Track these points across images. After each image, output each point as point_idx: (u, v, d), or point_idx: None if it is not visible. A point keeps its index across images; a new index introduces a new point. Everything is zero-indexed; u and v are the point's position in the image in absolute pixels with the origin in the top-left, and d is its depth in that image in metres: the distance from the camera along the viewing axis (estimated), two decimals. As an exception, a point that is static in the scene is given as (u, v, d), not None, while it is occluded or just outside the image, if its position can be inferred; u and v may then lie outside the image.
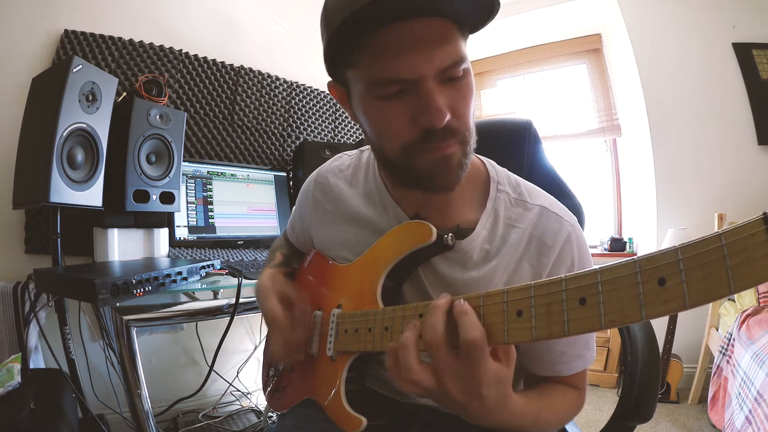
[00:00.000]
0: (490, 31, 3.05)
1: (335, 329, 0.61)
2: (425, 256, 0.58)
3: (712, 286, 0.27)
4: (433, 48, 0.47)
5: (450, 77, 0.49)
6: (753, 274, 0.26)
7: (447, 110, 0.48)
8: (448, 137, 0.50)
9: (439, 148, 0.50)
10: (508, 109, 3.15)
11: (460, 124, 0.50)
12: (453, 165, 0.52)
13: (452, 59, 0.48)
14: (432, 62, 0.47)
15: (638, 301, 0.30)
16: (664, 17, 2.34)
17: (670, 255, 0.29)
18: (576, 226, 0.60)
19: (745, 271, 0.26)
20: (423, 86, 0.47)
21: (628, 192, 2.81)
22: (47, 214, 1.35)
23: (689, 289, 0.28)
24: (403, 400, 0.64)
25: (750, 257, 0.26)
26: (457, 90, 0.50)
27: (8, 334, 1.25)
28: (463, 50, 0.49)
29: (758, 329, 1.55)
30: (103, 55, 1.57)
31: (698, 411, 1.96)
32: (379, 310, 0.55)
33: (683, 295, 0.28)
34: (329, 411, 0.58)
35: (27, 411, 0.88)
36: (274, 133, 2.04)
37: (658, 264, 0.30)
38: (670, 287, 0.29)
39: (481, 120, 0.93)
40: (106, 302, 0.90)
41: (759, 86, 2.20)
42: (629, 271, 0.31)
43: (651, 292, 0.30)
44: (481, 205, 0.61)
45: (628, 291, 0.31)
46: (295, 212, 0.83)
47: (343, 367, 0.58)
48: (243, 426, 1.67)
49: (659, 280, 0.29)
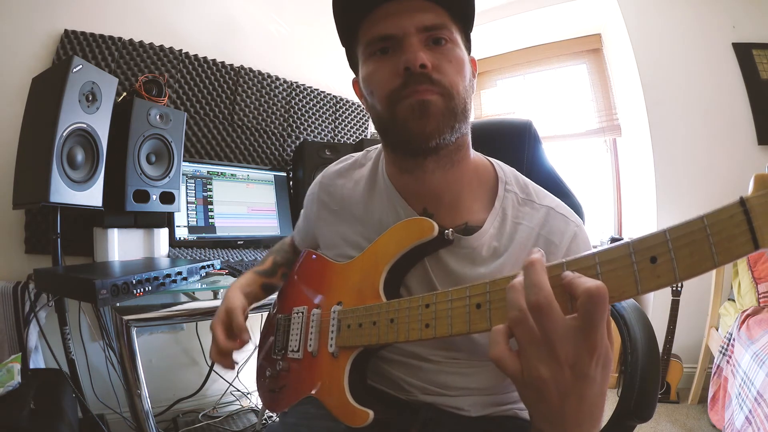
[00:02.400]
0: (490, 31, 3.05)
1: (336, 325, 0.61)
2: (427, 251, 0.60)
3: (698, 261, 0.31)
4: (417, 12, 0.55)
5: (434, 39, 0.55)
6: (734, 249, 0.29)
7: (427, 61, 0.53)
8: (424, 82, 0.54)
9: (417, 91, 0.54)
10: (508, 109, 3.15)
11: (442, 78, 0.54)
12: (430, 112, 0.54)
13: (433, 21, 0.55)
14: (413, 20, 0.54)
15: (633, 278, 0.33)
16: (664, 17, 2.34)
17: (659, 236, 0.32)
18: (582, 227, 0.63)
19: (726, 246, 0.30)
20: (406, 40, 0.54)
21: (628, 192, 2.81)
22: (47, 214, 1.35)
23: (678, 264, 0.31)
24: (404, 397, 0.64)
25: (730, 234, 0.29)
26: (442, 53, 0.55)
27: (8, 334, 1.25)
28: (447, 22, 0.56)
29: (758, 329, 1.55)
30: (103, 55, 1.57)
31: (698, 411, 1.96)
32: (383, 303, 0.55)
33: (673, 270, 0.32)
34: (333, 407, 0.58)
35: (27, 411, 0.88)
36: (274, 133, 2.04)
37: (650, 244, 0.33)
38: (661, 264, 0.32)
39: (482, 120, 0.93)
40: (106, 302, 0.90)
41: (759, 86, 2.20)
42: (624, 252, 0.34)
43: (645, 269, 0.33)
44: (490, 204, 0.63)
45: (624, 270, 0.34)
46: (302, 217, 0.83)
47: (346, 362, 0.58)
48: (243, 426, 1.67)
49: (651, 258, 0.33)
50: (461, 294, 0.44)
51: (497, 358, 0.36)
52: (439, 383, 0.62)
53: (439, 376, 0.62)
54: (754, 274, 1.90)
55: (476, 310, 0.42)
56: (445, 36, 0.55)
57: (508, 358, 0.36)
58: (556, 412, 0.35)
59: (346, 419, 0.55)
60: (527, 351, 0.35)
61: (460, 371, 0.62)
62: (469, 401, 0.62)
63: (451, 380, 0.62)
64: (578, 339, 0.33)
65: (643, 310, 0.72)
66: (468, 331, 0.43)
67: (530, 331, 0.34)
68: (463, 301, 0.44)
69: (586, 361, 0.33)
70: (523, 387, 0.36)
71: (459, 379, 0.62)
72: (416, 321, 0.48)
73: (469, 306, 0.43)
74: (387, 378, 0.65)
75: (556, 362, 0.33)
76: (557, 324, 0.33)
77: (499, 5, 2.72)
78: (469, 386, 0.62)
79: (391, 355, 0.64)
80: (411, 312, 0.49)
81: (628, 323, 0.69)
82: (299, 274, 0.78)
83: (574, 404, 0.34)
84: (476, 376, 0.62)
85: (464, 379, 0.62)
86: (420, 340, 0.48)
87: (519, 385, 0.36)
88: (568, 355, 0.33)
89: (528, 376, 0.35)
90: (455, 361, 0.62)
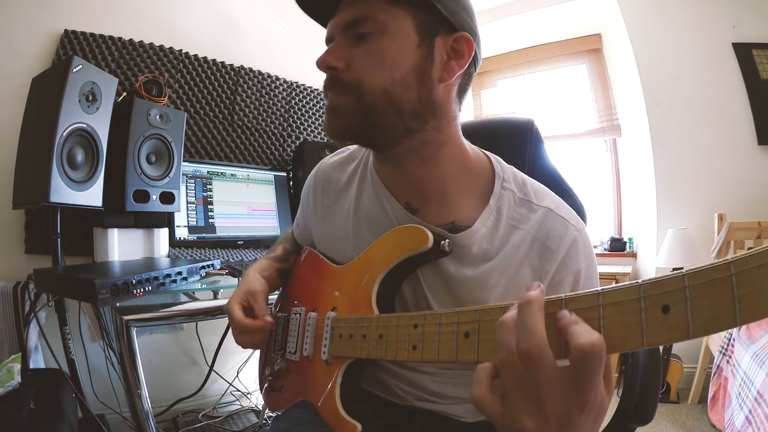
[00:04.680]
0: (490, 31, 3.05)
1: (330, 333, 0.60)
2: (421, 261, 0.57)
3: (717, 317, 0.26)
4: (344, 8, 0.54)
5: (355, 34, 0.53)
6: (760, 307, 0.25)
7: (336, 61, 0.53)
8: (333, 85, 0.54)
9: (326, 96, 0.56)
10: (508, 109, 3.15)
11: (352, 76, 0.53)
12: (339, 114, 0.54)
13: (353, 16, 0.52)
14: (337, 20, 0.54)
15: (640, 327, 0.29)
16: (664, 17, 2.34)
17: (676, 281, 0.28)
18: (583, 231, 0.58)
19: (752, 302, 0.25)
20: (333, 41, 0.55)
21: (628, 192, 2.81)
22: (47, 214, 1.35)
23: (693, 318, 0.27)
24: (399, 403, 0.64)
25: (758, 289, 0.25)
26: (361, 48, 0.53)
27: (8, 334, 1.25)
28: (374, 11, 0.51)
29: (758, 329, 1.55)
30: (103, 55, 1.57)
31: (698, 411, 1.96)
32: (374, 317, 0.54)
33: (687, 324, 0.27)
34: (324, 414, 0.58)
35: (27, 411, 0.88)
36: (274, 133, 2.04)
37: (663, 290, 0.28)
38: (674, 315, 0.28)
39: (483, 119, 0.92)
40: (106, 302, 0.90)
41: (759, 86, 2.20)
42: (633, 296, 0.30)
43: (654, 318, 0.29)
44: (484, 202, 0.58)
45: (630, 317, 0.30)
46: (299, 209, 0.83)
47: (338, 371, 0.58)
48: (243, 426, 1.67)
49: (663, 307, 0.28)
50: (450, 319, 0.42)
51: (478, 401, 0.33)
52: (432, 392, 0.62)
53: (431, 385, 0.62)
54: (754, 274, 1.90)
55: (464, 339, 0.40)
56: (367, 29, 0.51)
57: (490, 401, 0.33)
58: None
59: (336, 428, 0.55)
60: (512, 398, 0.32)
61: (452, 381, 0.62)
62: (462, 408, 0.62)
63: (444, 389, 0.62)
64: (569, 392, 0.30)
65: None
66: (455, 360, 0.41)
67: (518, 376, 0.31)
68: (452, 327, 0.41)
69: (575, 415, 0.31)
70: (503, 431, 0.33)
71: (452, 388, 0.61)
72: (404, 341, 0.47)
73: (458, 333, 0.41)
74: (383, 384, 0.65)
75: (542, 414, 0.31)
76: (547, 375, 0.30)
77: (499, 5, 2.72)
78: (461, 395, 0.61)
79: (384, 363, 0.64)
80: (400, 330, 0.48)
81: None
82: (299, 272, 0.78)
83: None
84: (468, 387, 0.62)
85: (457, 388, 0.61)
86: (407, 360, 0.47)
87: (499, 428, 0.34)
88: (556, 408, 0.30)
89: (510, 423, 0.32)
90: (447, 371, 0.62)
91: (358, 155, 0.71)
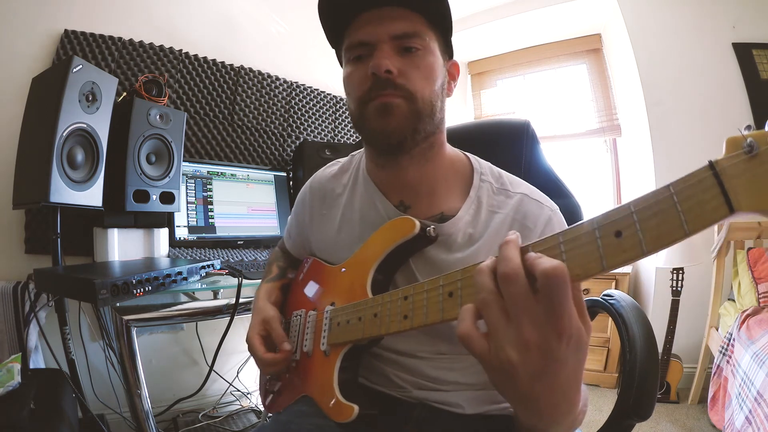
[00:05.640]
0: (491, 31, 3.05)
1: (328, 324, 0.63)
2: (412, 249, 0.62)
3: (667, 231, 0.29)
4: (391, 21, 0.59)
5: (405, 47, 0.59)
6: (706, 215, 0.28)
7: (393, 68, 0.57)
8: (388, 87, 0.58)
9: (381, 95, 0.58)
10: (508, 109, 3.15)
11: (407, 83, 0.59)
12: (393, 114, 0.59)
13: (404, 30, 0.59)
14: (386, 29, 0.59)
15: (598, 254, 0.33)
16: (664, 17, 2.34)
17: (624, 210, 0.32)
18: (557, 211, 0.65)
19: (697, 213, 0.28)
20: (378, 48, 0.59)
21: (628, 192, 2.80)
22: (47, 214, 1.35)
23: (645, 236, 0.30)
24: (398, 395, 0.64)
25: (700, 200, 0.28)
26: (412, 60, 0.59)
27: (8, 334, 1.25)
28: (422, 29, 0.60)
29: (758, 329, 1.55)
30: (103, 55, 1.57)
31: (698, 411, 1.96)
32: (368, 299, 0.57)
33: (640, 243, 0.31)
34: (322, 403, 0.59)
35: (27, 411, 0.88)
36: (274, 133, 2.04)
37: (614, 219, 0.32)
38: (626, 237, 0.31)
39: (479, 121, 0.93)
40: (106, 302, 0.90)
41: (759, 86, 2.20)
42: (588, 229, 0.34)
43: (609, 244, 0.32)
44: (465, 194, 0.66)
45: (588, 247, 0.33)
46: (292, 220, 0.86)
47: (336, 359, 0.60)
48: (243, 426, 1.67)
49: (616, 233, 0.32)
50: (435, 284, 0.45)
51: (464, 335, 0.35)
52: (430, 377, 0.63)
53: (429, 370, 0.64)
54: (754, 274, 1.90)
55: (449, 299, 0.43)
56: (415, 44, 0.59)
57: (475, 336, 0.35)
58: (526, 394, 0.34)
59: (334, 415, 0.56)
60: (495, 331, 0.34)
61: (448, 366, 0.64)
62: (462, 396, 0.63)
63: (441, 375, 0.63)
64: (544, 321, 0.32)
65: (642, 309, 0.72)
66: (441, 318, 0.43)
67: (499, 312, 0.34)
68: (437, 291, 0.44)
69: (555, 344, 0.32)
70: (491, 369, 0.35)
71: (449, 373, 0.63)
72: (396, 313, 0.50)
73: (442, 295, 0.43)
74: (381, 374, 0.66)
75: (524, 345, 0.32)
76: (522, 297, 0.33)
77: (499, 5, 2.73)
78: (459, 381, 0.63)
79: (382, 352, 0.66)
80: (392, 305, 0.51)
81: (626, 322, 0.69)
82: (301, 280, 0.79)
83: (546, 386, 0.34)
84: (465, 371, 0.64)
85: (454, 373, 0.63)
86: (399, 331, 0.49)
87: (487, 366, 0.35)
88: (534, 335, 0.32)
89: (496, 358, 0.34)
90: (442, 356, 0.64)
91: (349, 167, 0.77)
